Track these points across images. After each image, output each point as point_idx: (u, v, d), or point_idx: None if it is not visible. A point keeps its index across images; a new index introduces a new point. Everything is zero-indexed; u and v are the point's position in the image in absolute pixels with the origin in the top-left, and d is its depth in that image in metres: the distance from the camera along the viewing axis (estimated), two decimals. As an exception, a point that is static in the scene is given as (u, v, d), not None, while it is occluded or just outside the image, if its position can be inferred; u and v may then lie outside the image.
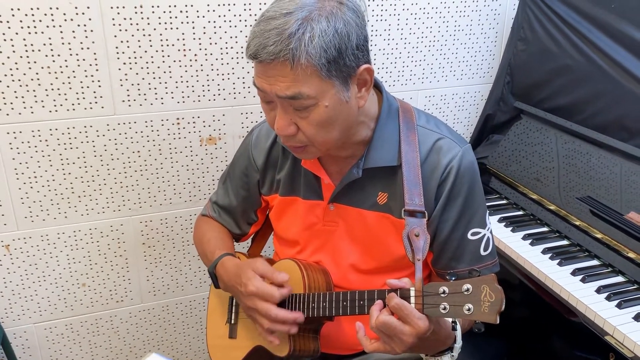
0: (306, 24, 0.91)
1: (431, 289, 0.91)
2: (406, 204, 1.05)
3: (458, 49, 1.98)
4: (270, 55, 0.91)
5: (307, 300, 1.10)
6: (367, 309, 1.00)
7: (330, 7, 0.93)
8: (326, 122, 0.98)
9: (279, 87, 0.94)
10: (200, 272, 1.94)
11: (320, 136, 1.00)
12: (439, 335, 0.96)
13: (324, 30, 0.91)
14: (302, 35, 0.90)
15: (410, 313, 0.90)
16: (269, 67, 0.93)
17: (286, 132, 0.99)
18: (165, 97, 1.68)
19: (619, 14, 1.45)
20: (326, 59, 0.92)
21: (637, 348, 1.15)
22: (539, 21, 1.69)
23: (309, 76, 0.93)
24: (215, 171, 1.82)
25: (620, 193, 1.43)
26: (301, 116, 0.97)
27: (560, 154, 1.62)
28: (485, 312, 0.86)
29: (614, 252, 1.40)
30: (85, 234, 1.75)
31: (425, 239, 1.02)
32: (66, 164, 1.65)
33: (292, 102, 0.96)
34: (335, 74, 0.94)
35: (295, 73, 0.92)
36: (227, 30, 1.66)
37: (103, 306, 1.86)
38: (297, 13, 0.91)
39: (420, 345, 0.93)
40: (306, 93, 0.94)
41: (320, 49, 0.91)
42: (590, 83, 1.55)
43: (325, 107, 0.96)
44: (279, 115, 0.99)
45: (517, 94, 1.81)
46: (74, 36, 1.53)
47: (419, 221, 1.04)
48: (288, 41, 0.90)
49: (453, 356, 1.00)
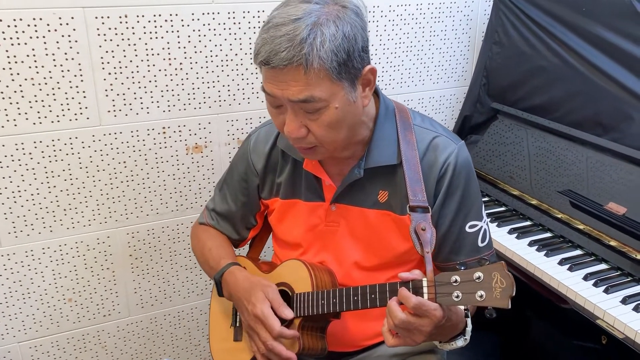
0: (316, 29, 0.93)
1: (443, 279, 0.95)
2: (410, 200, 1.09)
3: (434, 54, 2.04)
4: (283, 61, 0.93)
5: (316, 298, 1.12)
6: (380, 301, 1.03)
7: (336, 11, 0.96)
8: (336, 123, 1.01)
9: (291, 91, 0.96)
10: (187, 282, 1.93)
11: (330, 137, 1.02)
12: (453, 322, 0.99)
13: (333, 34, 0.94)
14: (314, 40, 0.93)
15: (429, 308, 0.93)
16: (281, 72, 0.95)
17: (297, 135, 1.01)
18: (151, 107, 1.67)
19: (590, 17, 1.53)
20: (337, 62, 0.95)
21: (628, 329, 1.22)
22: (513, 25, 1.77)
23: (321, 79, 0.95)
24: (201, 179, 1.82)
25: (598, 185, 1.51)
26: (312, 118, 1.00)
27: (537, 150, 1.69)
28: (498, 297, 0.90)
29: (596, 242, 1.47)
30: (71, 247, 1.72)
31: (432, 232, 1.06)
32: (51, 176, 1.62)
33: (303, 106, 0.98)
34: (344, 76, 0.97)
35: (308, 77, 0.94)
36: (212, 38, 1.68)
37: (90, 321, 1.82)
38: (306, 18, 0.94)
39: (437, 333, 0.96)
40: (318, 96, 0.96)
41: (331, 52, 0.94)
42: (565, 82, 1.63)
43: (335, 109, 0.99)
44: (289, 118, 1.01)
45: (494, 96, 1.88)
46: (58, 47, 1.52)
47: (424, 216, 1.08)
48: (300, 46, 0.92)
49: (466, 339, 1.04)
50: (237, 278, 1.20)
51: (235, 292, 1.19)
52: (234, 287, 1.19)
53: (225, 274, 1.22)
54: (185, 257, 1.89)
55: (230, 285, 1.20)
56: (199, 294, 1.96)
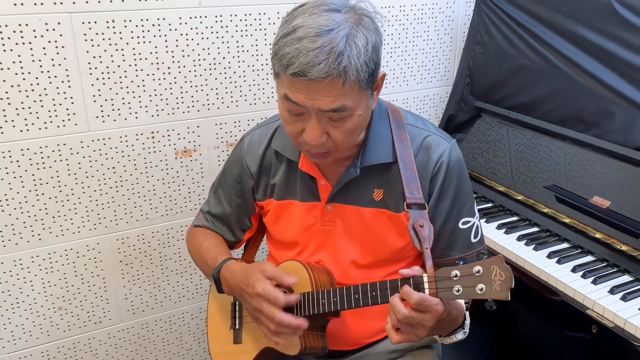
0: (351, 41, 0.94)
1: (443, 274, 0.97)
2: (407, 198, 1.11)
3: (417, 55, 2.07)
4: (322, 73, 0.93)
5: (316, 297, 1.13)
6: (381, 298, 1.04)
7: (358, 18, 0.98)
8: (355, 129, 1.04)
9: (323, 101, 0.97)
10: (178, 286, 1.92)
11: (347, 141, 1.05)
12: (453, 315, 1.01)
13: (365, 46, 0.96)
14: (351, 53, 0.94)
15: (431, 303, 0.95)
16: (317, 83, 0.95)
17: (319, 142, 1.02)
18: (139, 111, 1.67)
19: (571, 17, 1.58)
20: (368, 73, 0.97)
21: (617, 318, 1.26)
22: (495, 25, 1.81)
23: (352, 90, 0.97)
24: (191, 183, 1.82)
25: (582, 180, 1.55)
26: (335, 125, 1.01)
27: (521, 147, 1.74)
28: (497, 290, 0.92)
29: (582, 235, 1.51)
30: (61, 255, 1.70)
31: (430, 228, 1.08)
32: (39, 184, 1.60)
33: (331, 114, 0.99)
34: (369, 85, 1.00)
35: (343, 88, 0.96)
36: (200, 42, 1.68)
37: (81, 329, 1.81)
38: (338, 30, 0.94)
39: (438, 327, 0.98)
40: (348, 105, 0.98)
41: (365, 64, 0.96)
42: (547, 81, 1.67)
43: (358, 116, 1.02)
44: (312, 126, 1.01)
45: (477, 94, 1.92)
46: (44, 53, 1.50)
47: (421, 212, 1.10)
48: (339, 59, 0.93)
49: (465, 332, 1.06)
50: (234, 270, 1.20)
51: (233, 283, 1.19)
52: (232, 278, 1.19)
53: (222, 269, 1.22)
54: (176, 262, 1.89)
55: (228, 279, 1.21)
56: (189, 298, 1.96)
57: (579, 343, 1.44)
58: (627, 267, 1.40)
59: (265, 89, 1.82)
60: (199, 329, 2.02)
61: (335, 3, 0.99)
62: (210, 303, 1.37)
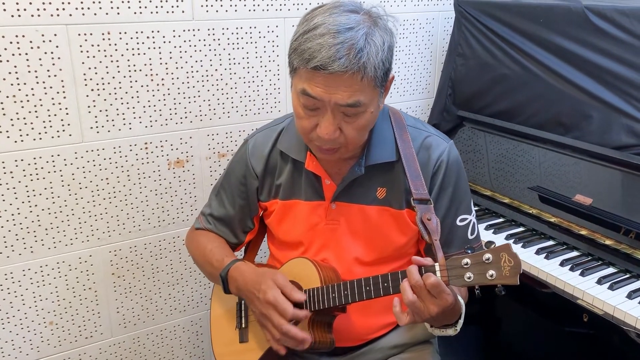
0: (370, 39, 1.01)
1: (454, 262, 1.01)
2: (414, 194, 1.16)
3: (400, 68, 2.15)
4: (343, 67, 0.98)
5: (326, 292, 1.16)
6: (393, 289, 1.08)
7: (375, 20, 1.05)
8: (366, 126, 1.09)
9: (341, 96, 1.02)
10: (170, 299, 1.92)
11: (358, 138, 1.10)
12: (454, 310, 1.05)
13: (381, 46, 1.02)
14: (370, 50, 1.00)
15: (445, 289, 1.00)
16: (337, 77, 1.00)
17: (333, 137, 1.07)
18: (133, 122, 1.68)
19: (547, 26, 1.68)
20: (382, 71, 1.04)
21: (606, 306, 1.32)
22: (475, 38, 1.90)
23: (368, 86, 1.03)
24: (183, 194, 1.83)
25: (564, 180, 1.63)
26: (348, 121, 1.06)
27: (504, 152, 1.81)
28: (507, 275, 0.97)
29: (566, 232, 1.58)
30: (53, 268, 1.68)
31: (437, 220, 1.13)
32: (32, 195, 1.60)
33: (346, 109, 1.04)
34: (382, 84, 1.06)
35: (362, 84, 1.01)
36: (193, 54, 1.71)
37: (72, 344, 1.78)
38: (359, 29, 1.00)
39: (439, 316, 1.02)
40: (363, 101, 1.04)
41: (381, 62, 1.02)
42: (527, 88, 1.76)
43: (371, 113, 1.07)
44: (327, 121, 1.05)
45: (459, 104, 2.00)
46: (40, 64, 1.52)
47: (427, 207, 1.15)
48: (359, 55, 0.99)
49: (456, 330, 1.11)
50: (243, 271, 1.22)
51: (243, 285, 1.21)
52: (242, 280, 1.21)
53: (230, 269, 1.24)
54: (168, 274, 1.89)
55: (237, 280, 1.22)
56: (181, 311, 1.95)
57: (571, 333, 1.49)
58: (611, 260, 1.47)
59: (256, 100, 1.86)
60: (190, 342, 2.01)
61: (352, 5, 1.05)
62: (213, 304, 1.38)
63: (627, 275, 1.43)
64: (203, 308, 1.99)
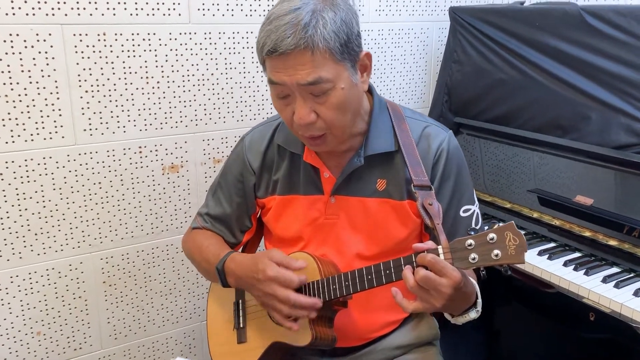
0: (317, 14, 1.01)
1: (458, 244, 0.98)
2: (414, 180, 1.13)
3: (395, 77, 2.15)
4: (290, 45, 0.99)
5: (327, 284, 1.12)
6: (395, 275, 1.04)
7: (330, 1, 1.04)
8: (343, 105, 1.06)
9: (300, 75, 1.01)
10: (162, 309, 1.86)
11: (339, 119, 1.07)
12: (468, 289, 1.02)
13: (332, 18, 1.02)
14: (316, 24, 1.00)
15: (446, 265, 0.96)
16: (289, 57, 1.00)
17: (307, 120, 1.05)
18: (127, 125, 1.66)
19: (543, 29, 1.68)
20: (339, 42, 1.02)
21: (613, 303, 1.29)
22: (471, 44, 1.90)
23: (326, 60, 1.01)
24: (177, 200, 1.80)
25: (565, 182, 1.62)
26: (320, 102, 1.05)
27: (502, 157, 1.80)
28: (513, 254, 0.94)
29: (567, 234, 1.56)
30: (42, 275, 1.63)
31: (438, 205, 1.10)
32: (22, 199, 1.56)
33: (312, 89, 1.03)
34: (346, 57, 1.04)
35: (314, 59, 1.00)
36: (189, 58, 1.70)
37: (60, 356, 1.71)
38: (305, 7, 1.01)
39: (455, 298, 0.98)
40: (325, 77, 1.02)
41: (333, 33, 1.01)
42: (524, 92, 1.76)
43: (342, 89, 1.04)
44: (298, 104, 1.05)
45: (455, 111, 1.99)
46: (34, 63, 1.50)
47: (428, 193, 1.12)
48: (305, 30, 0.99)
49: (478, 311, 1.06)
50: (239, 261, 1.19)
51: (241, 272, 1.18)
52: (239, 268, 1.18)
53: (227, 261, 1.21)
54: (160, 283, 1.83)
55: (234, 270, 1.19)
56: (174, 322, 1.89)
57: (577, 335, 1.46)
58: (614, 260, 1.45)
59: (252, 105, 1.85)
60: (183, 355, 1.94)
61: None
62: (210, 305, 1.34)
63: (631, 274, 1.40)
64: (197, 319, 1.93)
